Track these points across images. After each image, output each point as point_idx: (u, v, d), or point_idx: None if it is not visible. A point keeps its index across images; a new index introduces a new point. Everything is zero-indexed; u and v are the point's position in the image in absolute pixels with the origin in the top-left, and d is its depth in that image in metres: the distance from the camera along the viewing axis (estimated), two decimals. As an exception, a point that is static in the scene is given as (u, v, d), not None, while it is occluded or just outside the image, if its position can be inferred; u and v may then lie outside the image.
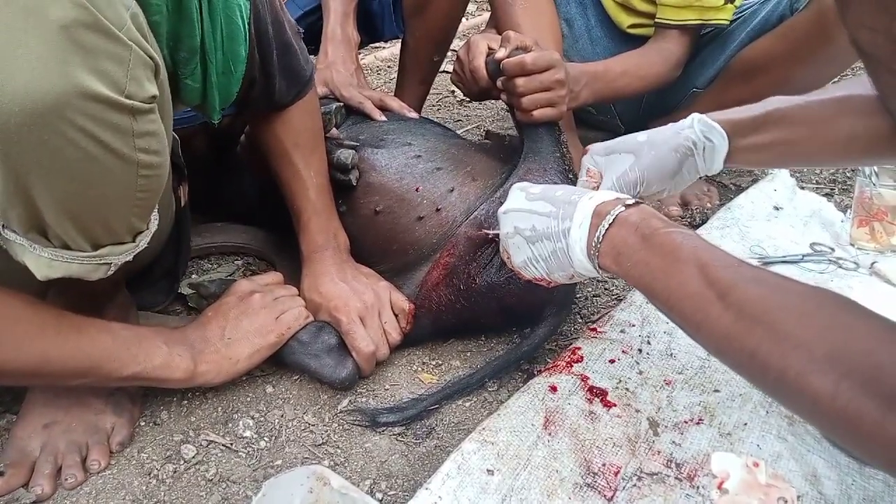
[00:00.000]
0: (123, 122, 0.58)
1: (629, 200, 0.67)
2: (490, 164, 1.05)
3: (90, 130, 0.56)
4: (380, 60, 2.34)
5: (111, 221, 0.66)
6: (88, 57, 0.53)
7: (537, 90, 0.97)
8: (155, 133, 0.62)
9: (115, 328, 0.76)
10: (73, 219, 0.62)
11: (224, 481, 0.77)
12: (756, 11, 1.30)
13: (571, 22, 1.41)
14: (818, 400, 0.49)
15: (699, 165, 0.85)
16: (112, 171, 0.60)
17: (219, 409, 0.87)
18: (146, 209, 0.69)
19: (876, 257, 1.14)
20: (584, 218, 0.68)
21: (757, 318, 0.54)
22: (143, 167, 0.63)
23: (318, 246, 0.96)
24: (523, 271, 0.78)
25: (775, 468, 0.75)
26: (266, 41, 0.82)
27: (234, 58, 0.76)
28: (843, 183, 1.45)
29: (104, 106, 0.56)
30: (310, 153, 0.95)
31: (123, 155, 0.60)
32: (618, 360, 0.91)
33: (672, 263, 0.60)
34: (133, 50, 0.56)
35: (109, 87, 0.55)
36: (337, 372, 0.88)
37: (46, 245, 0.63)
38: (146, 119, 0.60)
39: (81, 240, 0.64)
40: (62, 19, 0.51)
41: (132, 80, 0.57)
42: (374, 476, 0.78)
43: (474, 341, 1.00)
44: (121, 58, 0.56)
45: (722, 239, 1.19)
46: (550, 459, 0.76)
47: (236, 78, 0.77)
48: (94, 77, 0.54)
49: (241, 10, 0.74)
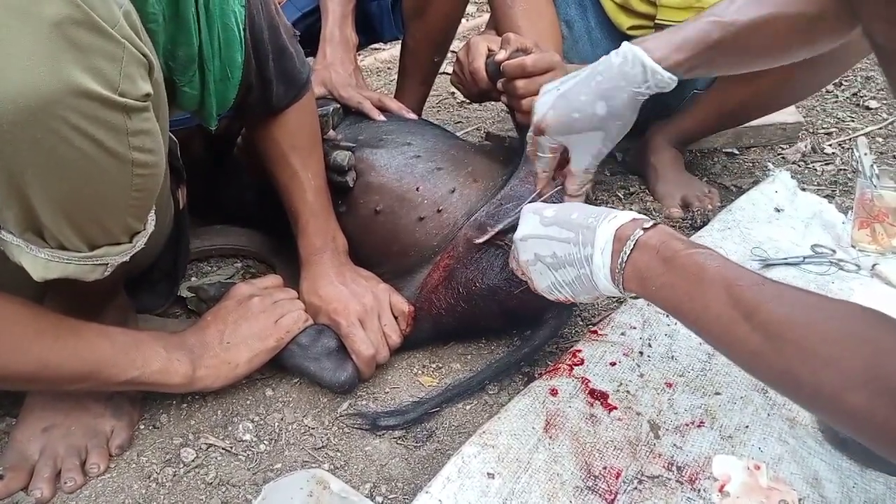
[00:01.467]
0: (117, 120, 0.58)
1: (647, 223, 0.67)
2: (491, 165, 1.05)
3: (84, 128, 0.56)
4: (379, 62, 2.34)
5: (107, 221, 0.66)
6: (81, 54, 0.53)
7: (537, 92, 0.97)
8: (149, 132, 0.62)
9: (113, 333, 0.76)
10: (69, 218, 0.62)
11: (224, 485, 0.77)
12: (756, 13, 1.29)
13: (571, 24, 1.41)
14: (856, 416, 0.50)
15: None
16: (107, 170, 0.60)
17: (218, 413, 0.86)
18: (142, 209, 0.69)
19: (877, 259, 1.14)
20: (606, 244, 0.68)
21: (784, 337, 0.54)
22: (138, 166, 0.62)
23: (317, 248, 0.96)
24: (548, 295, 0.78)
25: (777, 471, 0.75)
26: (262, 46, 0.82)
27: (231, 64, 0.76)
28: (843, 185, 1.45)
29: (97, 104, 0.55)
30: (307, 155, 0.95)
31: (118, 153, 0.60)
32: (619, 362, 0.91)
33: (696, 285, 0.60)
34: (126, 47, 0.56)
35: (103, 84, 0.55)
36: (336, 375, 0.87)
37: (43, 246, 0.63)
38: (140, 117, 0.60)
39: (77, 240, 0.64)
40: (54, 17, 0.51)
41: (125, 77, 0.57)
42: (375, 480, 0.78)
43: (475, 344, 1.00)
44: (114, 55, 0.55)
45: (723, 241, 1.18)
46: (551, 463, 0.75)
47: (233, 84, 0.77)
48: (88, 75, 0.54)
49: (236, 16, 0.74)
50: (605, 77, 0.81)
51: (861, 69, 1.91)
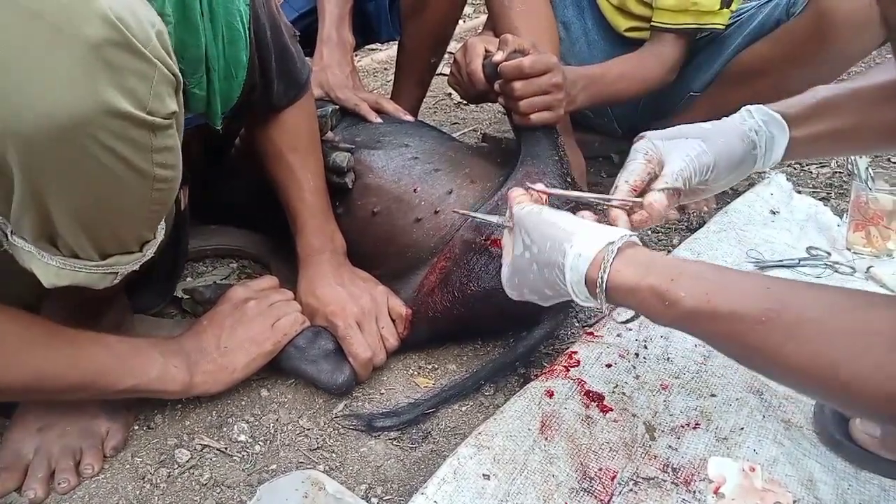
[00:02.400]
0: (143, 137, 0.59)
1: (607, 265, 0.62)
2: (488, 167, 1.05)
3: (111, 146, 0.56)
4: (376, 63, 2.34)
5: (122, 232, 0.66)
6: (116, 75, 0.54)
7: (535, 94, 0.97)
8: (172, 148, 0.63)
9: (110, 341, 0.76)
10: (86, 229, 0.62)
11: (218, 486, 0.77)
12: (753, 15, 1.30)
13: (568, 25, 1.41)
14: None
15: (759, 157, 0.81)
16: (129, 185, 0.61)
17: (213, 414, 0.86)
18: (156, 220, 0.70)
19: (872, 261, 1.15)
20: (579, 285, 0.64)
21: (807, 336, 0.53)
22: (159, 181, 0.63)
23: (315, 249, 0.95)
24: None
25: (772, 473, 0.75)
26: (265, 45, 0.82)
27: (236, 63, 0.76)
28: (839, 187, 1.45)
29: (127, 123, 0.56)
30: (306, 156, 0.94)
31: (141, 170, 0.60)
32: (614, 364, 0.91)
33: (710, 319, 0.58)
34: (158, 67, 0.57)
35: (133, 103, 0.56)
36: (334, 378, 0.87)
37: (55, 253, 0.63)
38: (165, 134, 0.61)
39: (90, 249, 0.64)
40: (93, 38, 0.51)
41: (155, 96, 0.57)
42: (370, 481, 0.78)
43: (470, 345, 1.00)
44: (146, 75, 0.56)
45: (719, 243, 1.19)
46: (547, 464, 0.75)
47: (238, 83, 0.77)
48: (120, 94, 0.54)
49: (241, 15, 0.74)
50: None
51: (857, 71, 1.92)
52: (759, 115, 0.80)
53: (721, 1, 1.23)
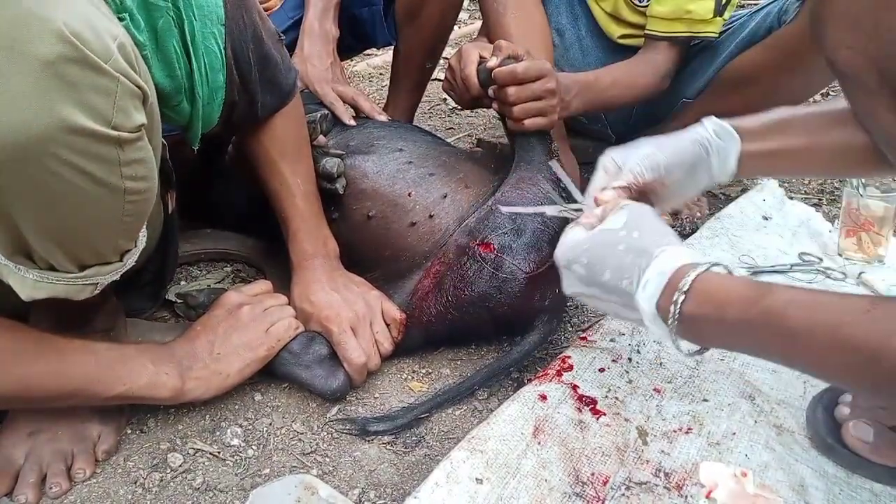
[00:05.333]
0: (110, 152, 0.58)
1: (686, 282, 0.64)
2: (482, 172, 1.06)
3: (75, 163, 0.56)
4: (372, 67, 2.35)
5: (97, 244, 0.66)
6: (74, 91, 0.53)
7: (529, 99, 0.98)
8: (142, 160, 0.62)
9: (99, 349, 0.76)
10: (59, 244, 0.62)
11: (211, 490, 0.76)
12: (745, 23, 1.31)
13: (562, 32, 1.42)
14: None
15: (713, 165, 0.83)
16: (98, 200, 0.60)
17: (206, 418, 0.86)
18: (133, 231, 0.69)
19: (863, 267, 1.15)
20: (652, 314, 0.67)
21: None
22: (131, 193, 0.63)
23: (308, 254, 0.95)
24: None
25: (763, 478, 0.76)
26: (244, 62, 0.81)
27: (214, 85, 0.76)
28: (830, 193, 1.47)
29: (90, 139, 0.56)
30: (296, 161, 0.95)
31: (109, 184, 0.60)
32: (607, 368, 0.91)
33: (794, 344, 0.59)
34: (120, 81, 0.56)
35: (95, 119, 0.55)
36: (328, 383, 0.87)
37: (32, 267, 0.63)
38: (134, 147, 0.60)
39: (67, 262, 0.64)
40: (46, 55, 0.51)
41: (119, 111, 0.57)
42: (363, 485, 0.78)
43: (464, 350, 1.00)
44: (107, 90, 0.56)
45: (711, 248, 1.19)
46: (539, 468, 0.76)
47: (217, 104, 0.78)
48: (80, 111, 0.54)
49: (216, 37, 0.74)
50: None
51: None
52: (710, 125, 0.83)
53: (714, 9, 1.24)
